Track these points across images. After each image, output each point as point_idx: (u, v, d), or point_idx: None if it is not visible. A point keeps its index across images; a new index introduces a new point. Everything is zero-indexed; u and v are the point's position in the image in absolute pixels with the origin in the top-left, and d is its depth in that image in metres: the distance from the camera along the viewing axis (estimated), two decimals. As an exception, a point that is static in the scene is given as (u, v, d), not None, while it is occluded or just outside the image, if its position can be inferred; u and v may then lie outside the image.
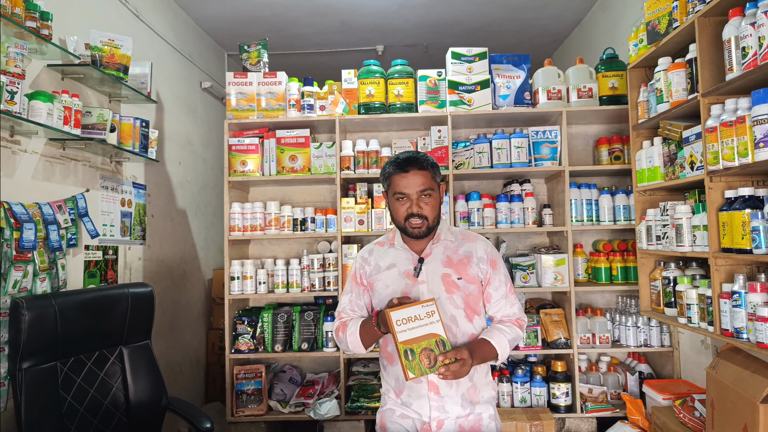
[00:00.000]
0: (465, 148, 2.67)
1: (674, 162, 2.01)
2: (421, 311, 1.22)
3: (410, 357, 1.17)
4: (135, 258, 2.68)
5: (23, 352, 1.60)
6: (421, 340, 1.19)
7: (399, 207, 1.36)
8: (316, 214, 2.68)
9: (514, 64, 2.68)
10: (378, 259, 1.44)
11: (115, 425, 1.84)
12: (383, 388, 1.46)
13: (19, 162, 1.92)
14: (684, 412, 2.02)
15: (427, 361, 1.18)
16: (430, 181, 1.35)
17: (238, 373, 2.56)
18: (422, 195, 1.34)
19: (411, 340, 1.18)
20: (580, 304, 2.79)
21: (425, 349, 1.18)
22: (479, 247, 1.43)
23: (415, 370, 1.17)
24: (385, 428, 1.40)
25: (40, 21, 1.85)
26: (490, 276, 1.41)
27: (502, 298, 1.41)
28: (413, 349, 1.18)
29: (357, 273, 1.46)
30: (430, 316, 1.22)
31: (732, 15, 1.59)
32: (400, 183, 1.35)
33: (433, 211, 1.36)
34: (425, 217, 1.34)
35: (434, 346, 1.19)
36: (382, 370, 1.46)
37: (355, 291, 1.46)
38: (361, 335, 1.35)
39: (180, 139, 3.30)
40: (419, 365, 1.17)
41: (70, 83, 2.18)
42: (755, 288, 1.55)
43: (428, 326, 1.21)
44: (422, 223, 1.34)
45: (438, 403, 1.32)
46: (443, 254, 1.40)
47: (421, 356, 1.18)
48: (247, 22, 3.63)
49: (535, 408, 2.49)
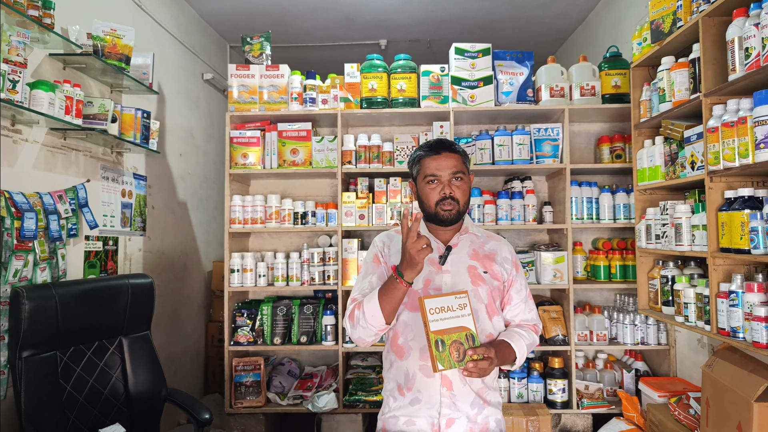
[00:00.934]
0: (467, 144, 2.67)
1: (675, 161, 2.01)
2: (454, 302, 1.18)
3: (441, 348, 1.13)
4: (135, 249, 2.69)
5: (23, 341, 1.61)
6: (452, 332, 1.15)
7: (430, 191, 1.31)
8: (316, 208, 2.68)
9: (517, 60, 2.68)
10: (399, 244, 1.34)
11: (114, 415, 1.85)
12: (385, 390, 1.37)
13: (20, 151, 1.92)
14: (679, 410, 2.04)
15: (456, 354, 1.14)
16: (462, 165, 1.32)
17: (237, 365, 2.57)
18: (454, 177, 1.30)
19: (442, 330, 1.14)
20: (578, 302, 2.80)
21: (455, 341, 1.15)
22: (504, 248, 1.41)
23: (444, 362, 1.12)
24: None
25: (43, 10, 1.85)
26: (513, 278, 1.38)
27: (522, 302, 1.38)
28: (444, 341, 1.13)
29: (378, 255, 1.37)
30: (463, 308, 1.18)
31: (736, 15, 1.58)
32: (432, 165, 1.31)
33: (464, 196, 1.32)
34: (457, 201, 1.30)
35: (464, 340, 1.16)
36: (387, 367, 1.37)
37: (375, 273, 1.34)
38: (381, 300, 1.21)
39: (181, 131, 3.29)
40: (449, 358, 1.13)
41: (71, 73, 2.17)
42: (752, 288, 1.56)
43: (460, 318, 1.17)
44: (454, 206, 1.30)
45: (450, 400, 1.27)
46: (470, 247, 1.37)
47: (451, 348, 1.14)
48: (251, 14, 3.62)
49: (531, 404, 2.50)
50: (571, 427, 2.51)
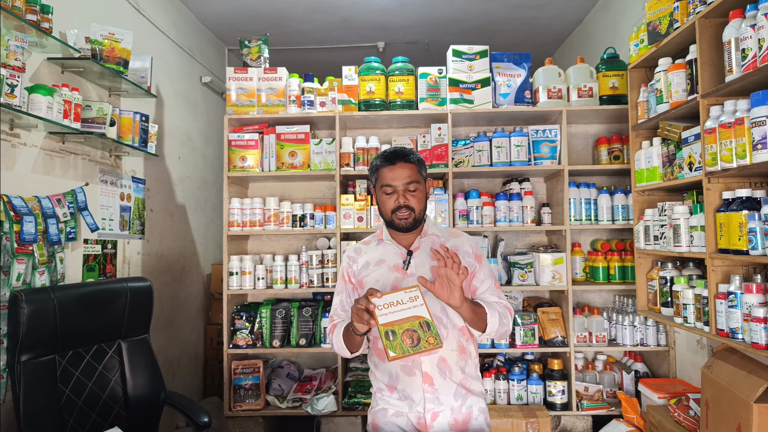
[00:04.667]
0: (465, 146, 2.68)
1: (673, 162, 2.02)
2: (404, 296, 1.23)
3: (391, 338, 1.18)
4: (134, 252, 2.69)
5: (22, 345, 1.61)
6: (404, 322, 1.20)
7: (386, 199, 1.38)
8: (315, 210, 2.68)
9: (514, 62, 2.69)
10: (366, 256, 1.45)
11: (113, 418, 1.85)
12: (374, 387, 1.44)
13: (18, 155, 1.92)
14: (679, 411, 2.04)
15: (409, 341, 1.19)
16: (416, 174, 1.38)
17: (236, 368, 2.57)
18: (409, 187, 1.36)
19: (392, 322, 1.20)
20: (577, 303, 2.80)
21: (408, 330, 1.20)
22: (465, 242, 1.45)
23: (396, 349, 1.18)
24: (377, 428, 1.38)
25: (41, 14, 1.85)
26: (476, 269, 1.42)
27: (487, 291, 1.41)
28: (395, 330, 1.19)
29: (345, 272, 1.47)
30: (414, 300, 1.23)
31: (732, 17, 1.59)
32: (388, 175, 1.37)
33: (419, 204, 1.38)
34: (412, 209, 1.36)
35: (417, 327, 1.20)
36: (372, 369, 1.44)
37: (344, 291, 1.47)
38: (344, 339, 1.36)
39: (180, 134, 3.29)
40: (401, 345, 1.18)
41: (70, 77, 2.17)
42: (751, 289, 1.56)
43: (411, 309, 1.22)
44: (409, 214, 1.36)
45: (432, 395, 1.32)
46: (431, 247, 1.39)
47: (403, 336, 1.19)
48: (248, 17, 3.62)
49: (531, 405, 2.50)
50: (570, 428, 2.51)
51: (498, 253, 2.68)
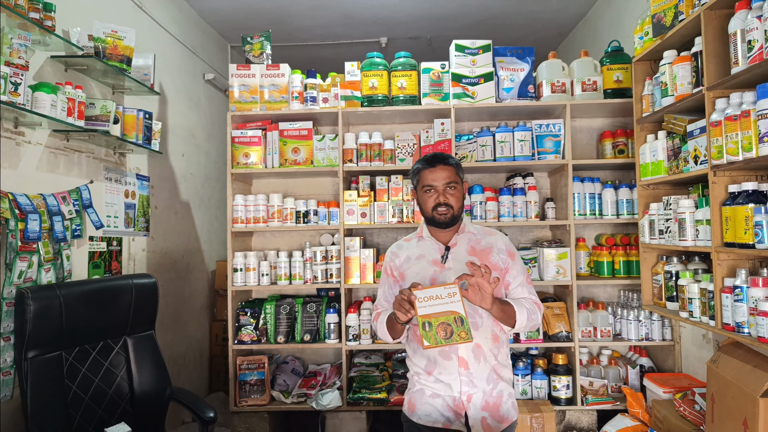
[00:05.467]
0: (468, 141, 2.67)
1: (678, 156, 2.00)
2: (443, 292, 1.34)
3: (427, 328, 1.31)
4: (139, 249, 2.70)
5: (29, 342, 1.62)
6: (440, 316, 1.32)
7: (427, 198, 1.51)
8: (318, 206, 2.68)
9: (518, 56, 2.67)
10: (407, 252, 1.57)
11: (119, 414, 1.86)
12: (411, 371, 1.55)
13: (23, 153, 1.93)
14: (684, 406, 2.03)
15: (443, 333, 1.31)
16: (455, 176, 1.51)
17: (241, 364, 2.58)
18: (448, 187, 1.49)
19: (430, 314, 1.32)
20: (582, 298, 2.79)
21: (443, 323, 1.31)
22: (499, 240, 1.57)
23: (431, 339, 1.30)
24: (414, 408, 1.48)
25: (44, 12, 1.85)
26: (509, 265, 1.53)
27: (519, 286, 1.53)
28: (431, 322, 1.31)
29: (387, 266, 1.59)
30: (452, 296, 1.33)
31: (738, 8, 1.57)
32: (428, 177, 1.50)
33: (457, 202, 1.50)
34: (450, 206, 1.49)
35: (452, 322, 1.31)
36: (410, 355, 1.55)
37: (387, 283, 1.59)
38: (387, 327, 1.49)
39: (183, 131, 3.30)
40: (435, 336, 1.30)
41: (73, 75, 2.18)
42: (757, 283, 1.55)
43: (449, 304, 1.33)
44: (448, 210, 1.48)
45: (468, 378, 1.43)
46: (467, 244, 1.53)
47: (438, 328, 1.31)
48: (250, 14, 3.62)
49: (535, 400, 2.50)
50: (575, 423, 2.51)
51: (502, 248, 2.67)
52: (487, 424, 1.43)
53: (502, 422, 1.45)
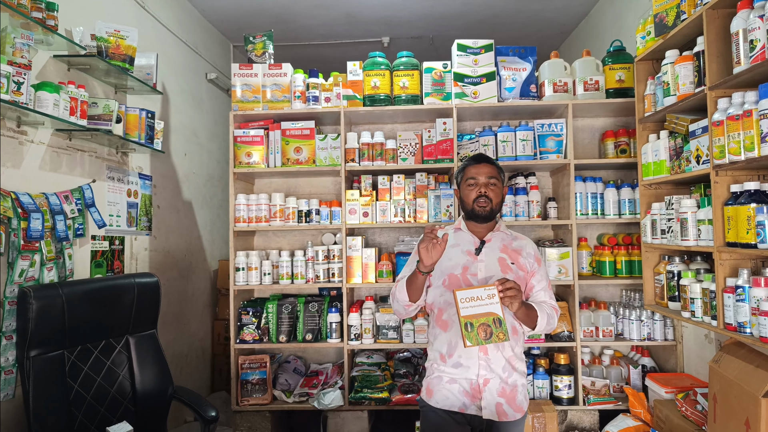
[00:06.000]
0: (470, 141, 2.67)
1: (680, 156, 2.00)
2: (483, 293, 1.43)
3: (469, 329, 1.42)
4: (141, 248, 2.71)
5: (31, 341, 1.63)
6: (481, 317, 1.42)
7: (470, 191, 1.63)
8: (320, 206, 2.69)
9: (520, 56, 2.67)
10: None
11: (121, 413, 1.87)
12: (429, 358, 1.65)
13: (26, 152, 1.94)
14: (686, 406, 2.03)
15: (483, 334, 1.42)
16: (497, 174, 1.65)
17: (243, 363, 2.59)
18: (489, 182, 1.62)
19: (471, 315, 1.42)
20: (584, 298, 2.79)
21: (483, 324, 1.42)
22: (529, 245, 1.69)
23: (472, 339, 1.42)
24: (432, 394, 1.58)
25: (46, 12, 1.86)
26: (535, 270, 1.65)
27: (542, 290, 1.65)
28: (473, 323, 1.42)
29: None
30: (491, 298, 1.43)
31: (740, 7, 1.57)
32: (473, 171, 1.64)
33: (496, 197, 1.63)
34: (490, 200, 1.61)
35: (491, 323, 1.42)
36: (431, 340, 1.66)
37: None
38: (407, 285, 1.57)
39: (185, 131, 3.31)
40: (476, 336, 1.42)
41: (76, 74, 2.19)
42: (759, 282, 1.55)
43: (488, 306, 1.42)
44: (487, 203, 1.61)
45: (486, 363, 1.53)
46: (500, 242, 1.66)
47: (479, 329, 1.42)
48: (253, 13, 3.62)
49: (537, 400, 2.50)
50: (577, 423, 2.51)
51: (503, 247, 2.67)
52: (503, 411, 1.52)
53: (517, 411, 1.55)
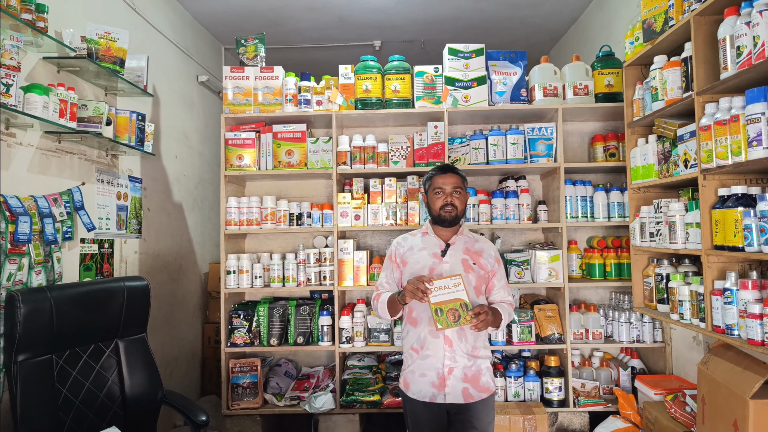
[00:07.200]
0: (461, 144, 2.68)
1: (668, 160, 2.03)
2: (450, 283, 1.63)
3: (440, 314, 1.61)
4: (131, 251, 2.68)
5: (19, 345, 1.60)
6: (449, 303, 1.61)
7: (437, 199, 1.79)
8: (312, 209, 2.68)
9: (510, 60, 2.69)
10: (411, 243, 1.86)
11: (110, 418, 1.84)
12: (404, 352, 1.83)
13: (14, 155, 1.92)
14: (675, 407, 2.05)
15: (452, 317, 1.61)
16: (461, 183, 1.81)
17: (233, 367, 2.57)
18: (454, 191, 1.78)
19: (441, 302, 1.61)
20: (574, 300, 2.81)
21: (452, 309, 1.61)
22: (489, 248, 1.86)
23: (443, 323, 1.61)
24: (408, 386, 1.76)
25: (36, 13, 1.84)
26: (495, 269, 1.83)
27: (501, 288, 1.84)
28: (442, 309, 1.61)
29: (393, 254, 1.87)
30: (457, 286, 1.63)
31: (727, 14, 1.60)
32: (440, 181, 1.79)
33: (461, 205, 1.79)
34: (455, 207, 1.77)
35: (459, 308, 1.61)
36: (404, 335, 1.85)
37: (389, 268, 1.87)
38: (388, 306, 1.77)
39: (176, 133, 3.29)
40: (446, 320, 1.61)
41: (65, 76, 2.17)
42: (747, 285, 1.57)
43: (455, 293, 1.62)
44: (452, 210, 1.77)
45: (451, 354, 1.71)
46: (464, 245, 1.82)
47: (448, 314, 1.61)
48: (244, 16, 3.61)
49: (528, 402, 2.51)
50: (567, 425, 2.52)
51: (495, 250, 2.68)
52: (468, 393, 1.71)
53: (482, 392, 1.73)
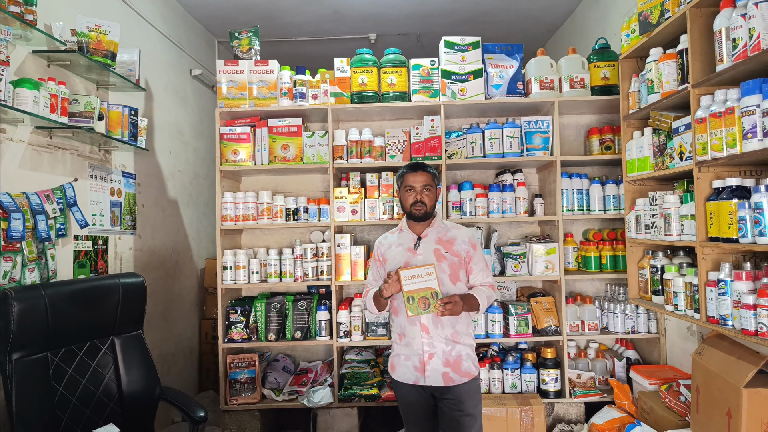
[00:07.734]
0: (458, 138, 2.68)
1: (664, 152, 2.03)
2: (423, 272, 1.71)
3: (411, 302, 1.69)
4: (125, 248, 2.66)
5: (13, 343, 1.59)
6: (420, 291, 1.69)
7: (408, 196, 1.87)
8: (308, 203, 2.67)
9: (507, 53, 2.68)
10: (390, 241, 1.96)
11: (107, 415, 1.84)
12: (392, 338, 1.93)
13: (5, 151, 1.89)
14: (670, 397, 2.07)
15: (423, 305, 1.69)
16: (431, 181, 1.88)
17: (231, 362, 2.57)
18: (424, 188, 1.85)
19: (412, 290, 1.69)
20: (570, 292, 2.83)
21: (422, 297, 1.69)
22: (464, 233, 1.92)
23: (413, 310, 1.69)
24: (394, 369, 1.87)
25: (25, 6, 1.81)
26: (471, 254, 1.89)
27: (480, 271, 1.89)
28: (414, 297, 1.69)
29: (376, 253, 1.98)
30: (429, 275, 1.70)
31: (723, 6, 1.59)
32: (410, 179, 1.87)
33: (430, 201, 1.87)
34: (424, 204, 1.85)
35: (429, 296, 1.68)
36: (390, 323, 2.01)
37: (374, 266, 1.98)
38: (374, 301, 1.88)
39: (170, 128, 3.26)
40: (416, 307, 1.69)
41: (56, 70, 2.14)
42: (740, 276, 1.58)
43: (426, 282, 1.70)
44: (422, 207, 1.85)
45: (428, 340, 1.79)
46: (436, 235, 1.89)
47: (419, 302, 1.69)
48: (238, 8, 3.57)
49: (525, 394, 2.53)
50: (564, 415, 2.54)
51: (491, 243, 2.69)
52: (449, 377, 1.78)
53: (463, 376, 1.79)
